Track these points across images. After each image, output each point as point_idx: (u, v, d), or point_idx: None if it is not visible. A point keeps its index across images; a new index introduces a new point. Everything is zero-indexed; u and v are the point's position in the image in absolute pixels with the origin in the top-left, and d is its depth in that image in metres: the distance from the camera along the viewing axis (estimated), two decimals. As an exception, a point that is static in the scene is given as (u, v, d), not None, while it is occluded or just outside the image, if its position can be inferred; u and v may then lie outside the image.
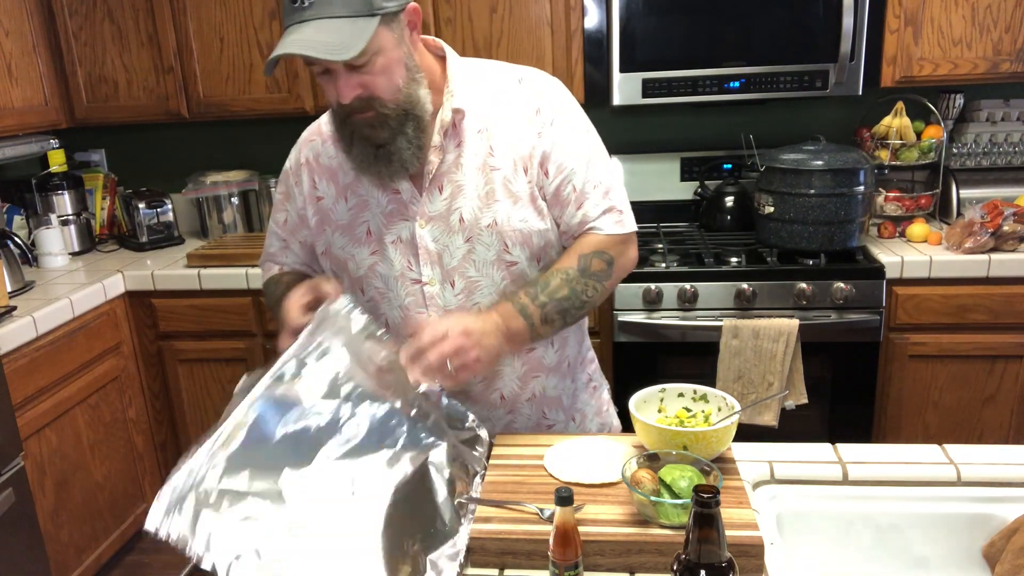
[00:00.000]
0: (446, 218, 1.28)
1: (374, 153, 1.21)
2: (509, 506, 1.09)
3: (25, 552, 2.07)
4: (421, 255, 1.30)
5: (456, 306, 1.31)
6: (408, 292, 1.32)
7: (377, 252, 1.32)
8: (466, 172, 1.28)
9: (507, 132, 1.28)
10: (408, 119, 1.19)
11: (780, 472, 1.21)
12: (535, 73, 1.34)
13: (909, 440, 2.46)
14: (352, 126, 1.21)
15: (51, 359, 2.30)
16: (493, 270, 1.30)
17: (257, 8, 2.66)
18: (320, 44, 1.08)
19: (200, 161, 3.17)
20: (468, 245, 1.29)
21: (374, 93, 1.16)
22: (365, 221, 1.32)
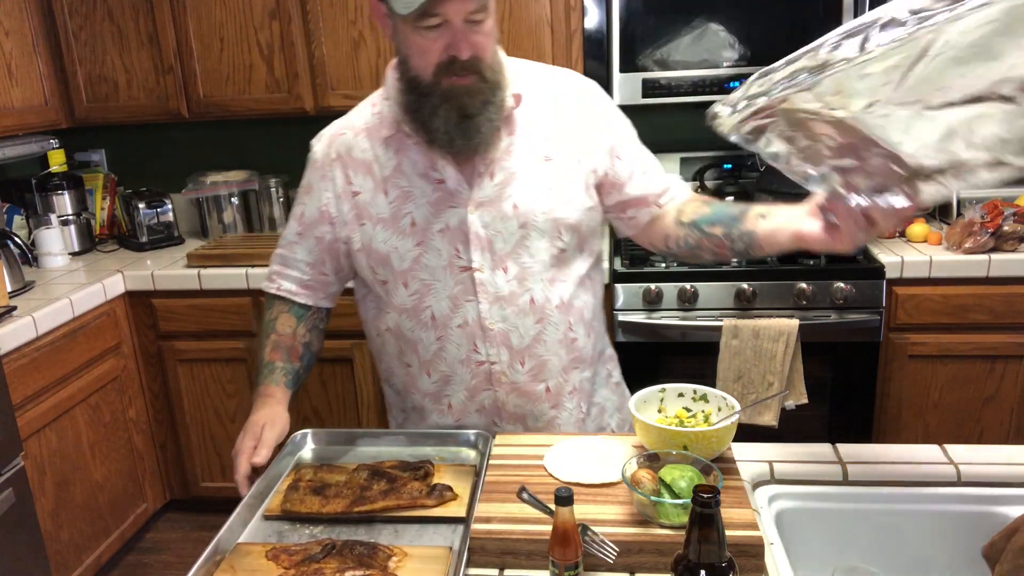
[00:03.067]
0: (498, 204, 1.28)
1: (457, 124, 1.20)
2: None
3: (25, 552, 2.07)
4: (472, 241, 1.29)
5: (508, 292, 1.31)
6: (457, 280, 1.31)
7: (422, 243, 1.30)
8: (519, 160, 1.29)
9: (562, 122, 1.31)
10: (497, 91, 1.22)
11: (780, 472, 1.21)
12: (571, 72, 1.39)
13: (909, 440, 2.46)
14: (443, 93, 1.19)
15: (51, 359, 2.30)
16: (546, 256, 1.31)
17: (257, 8, 2.66)
18: None
19: (200, 161, 3.17)
20: (523, 231, 1.29)
21: (481, 55, 1.17)
22: (409, 212, 1.30)
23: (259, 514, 1.21)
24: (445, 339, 1.35)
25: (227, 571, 1.06)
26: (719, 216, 1.31)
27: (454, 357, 1.35)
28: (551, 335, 1.35)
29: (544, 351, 1.35)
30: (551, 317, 1.34)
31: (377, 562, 1.06)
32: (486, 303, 1.31)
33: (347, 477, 1.26)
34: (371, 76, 2.66)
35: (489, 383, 1.36)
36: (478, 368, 1.35)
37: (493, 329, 1.32)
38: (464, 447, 1.38)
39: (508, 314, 1.32)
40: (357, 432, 1.43)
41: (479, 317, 1.32)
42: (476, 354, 1.34)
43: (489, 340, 1.33)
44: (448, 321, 1.33)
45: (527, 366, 1.35)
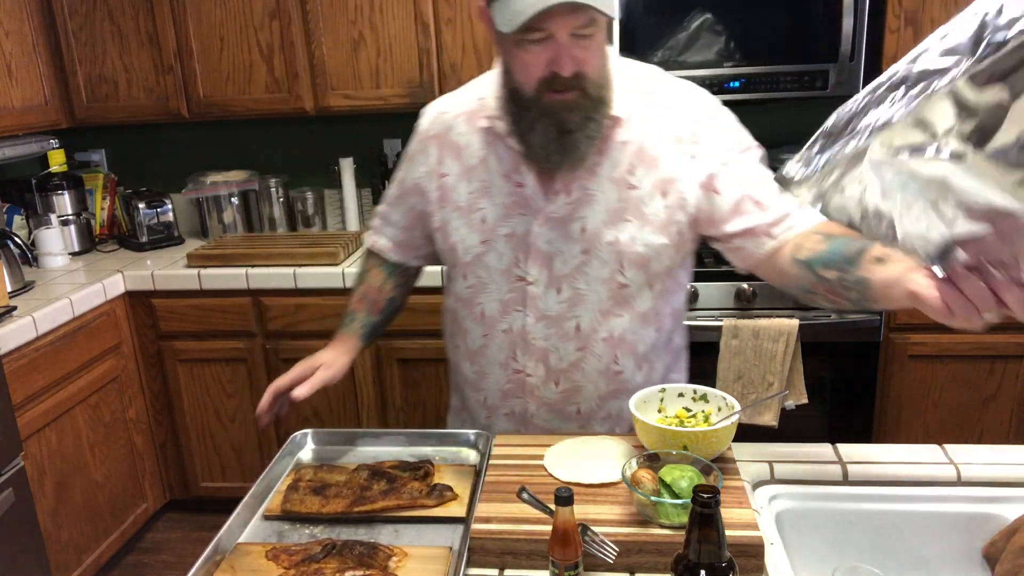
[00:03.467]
0: (566, 224, 1.24)
1: (555, 139, 1.16)
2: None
3: (25, 552, 2.07)
4: (532, 254, 1.26)
5: (556, 313, 1.28)
6: (511, 287, 1.30)
7: (488, 242, 1.29)
8: (600, 183, 1.23)
9: (653, 151, 1.22)
10: (599, 107, 1.16)
11: (780, 472, 1.21)
12: (687, 87, 1.28)
13: (909, 440, 2.46)
14: (543, 108, 1.15)
15: (51, 359, 2.30)
16: (602, 287, 1.26)
17: (257, 8, 2.66)
18: None
19: (200, 161, 3.17)
20: (584, 257, 1.25)
21: (586, 71, 1.12)
22: (482, 208, 1.29)
23: (259, 514, 1.21)
24: (489, 338, 1.34)
25: (227, 571, 1.06)
26: (834, 257, 1.10)
27: (494, 358, 1.35)
28: (591, 364, 1.31)
29: (581, 378, 1.32)
30: (594, 348, 1.30)
31: (377, 562, 1.06)
32: (533, 317, 1.29)
33: (347, 477, 1.26)
34: (371, 76, 2.66)
35: (522, 392, 1.36)
36: (514, 375, 1.35)
37: (534, 344, 1.31)
38: (464, 447, 1.38)
39: (551, 334, 1.30)
40: (357, 432, 1.43)
41: (524, 328, 1.30)
42: (514, 362, 1.34)
43: (529, 353, 1.32)
44: (495, 323, 1.33)
45: (561, 387, 1.33)
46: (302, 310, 2.62)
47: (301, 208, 3.05)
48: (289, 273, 2.59)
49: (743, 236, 1.23)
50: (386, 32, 2.62)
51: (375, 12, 2.61)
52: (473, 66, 2.60)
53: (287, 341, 2.66)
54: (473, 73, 2.72)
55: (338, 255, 2.63)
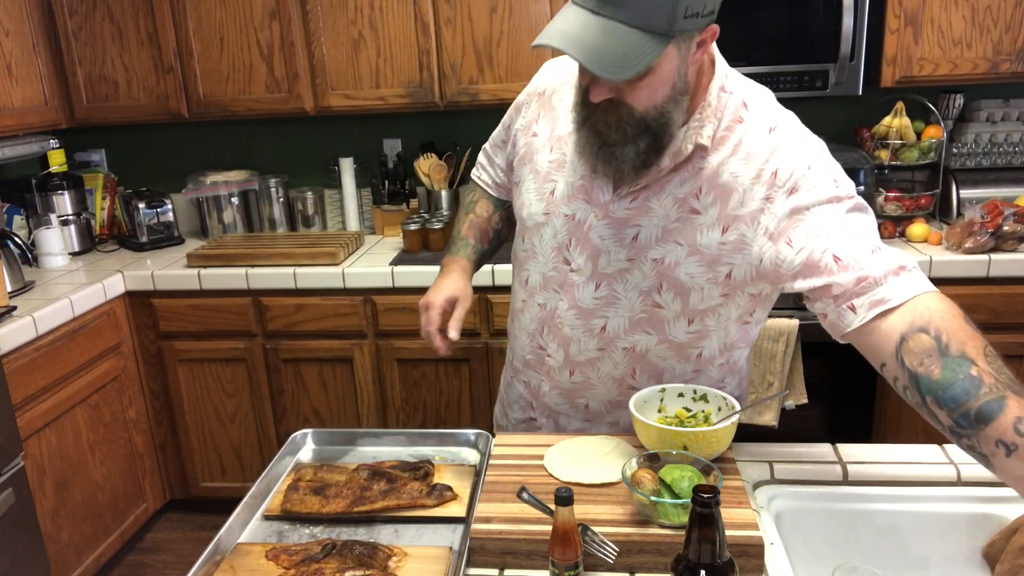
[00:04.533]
0: (621, 227, 1.21)
1: (598, 148, 1.15)
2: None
3: (25, 552, 2.07)
4: (583, 243, 1.25)
5: (588, 307, 1.27)
6: (554, 267, 1.29)
7: (549, 215, 1.28)
8: (664, 198, 1.18)
9: (728, 181, 1.14)
10: (647, 133, 1.10)
11: (780, 472, 1.21)
12: (791, 124, 1.18)
13: (909, 440, 2.46)
14: (589, 113, 1.13)
15: (51, 359, 2.30)
16: (637, 299, 1.23)
17: (257, 8, 2.66)
18: (596, 54, 0.98)
19: (200, 161, 3.17)
20: (628, 264, 1.22)
21: (627, 102, 1.08)
22: (555, 180, 1.27)
23: (259, 514, 1.21)
24: (527, 305, 1.36)
25: (227, 571, 1.06)
26: (951, 399, 0.94)
27: (525, 326, 1.37)
28: (607, 368, 1.30)
29: (594, 376, 1.32)
30: (613, 355, 1.29)
31: (377, 562, 1.06)
32: (566, 303, 1.29)
33: (347, 477, 1.26)
34: (371, 76, 2.66)
35: (539, 368, 1.37)
36: (537, 350, 1.36)
37: (561, 329, 1.31)
38: (464, 447, 1.38)
39: (578, 325, 1.29)
40: (357, 432, 1.43)
41: (555, 310, 1.31)
42: (540, 337, 1.35)
43: (553, 335, 1.32)
44: (534, 294, 1.34)
45: (574, 377, 1.34)
46: (302, 310, 2.62)
47: (301, 208, 3.05)
48: (289, 273, 2.59)
49: (818, 299, 1.09)
50: (386, 32, 2.62)
51: (375, 12, 2.61)
52: (473, 66, 2.60)
53: (287, 341, 2.66)
54: (473, 73, 2.74)
55: (338, 255, 2.63)
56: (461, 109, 2.70)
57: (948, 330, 0.97)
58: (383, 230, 3.00)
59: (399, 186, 2.98)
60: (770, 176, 1.12)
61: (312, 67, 2.69)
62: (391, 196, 2.97)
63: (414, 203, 2.99)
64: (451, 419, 2.68)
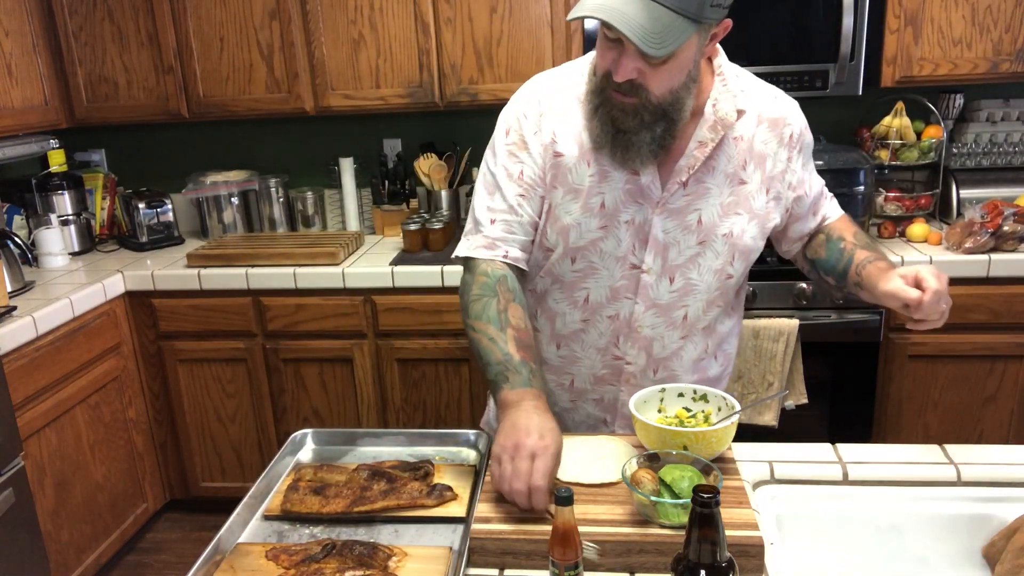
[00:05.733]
0: (683, 215, 1.26)
1: (612, 133, 1.19)
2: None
3: (25, 552, 2.07)
4: (650, 243, 1.27)
5: (667, 302, 1.30)
6: (623, 275, 1.30)
7: (606, 228, 1.27)
8: (716, 177, 1.26)
9: (761, 148, 1.28)
10: (662, 119, 1.17)
11: (780, 472, 1.21)
12: (777, 89, 1.35)
13: (909, 440, 2.46)
14: (605, 98, 1.18)
15: (51, 359, 2.30)
16: (712, 278, 1.30)
17: (257, 8, 2.66)
18: (639, 28, 1.04)
19: (200, 161, 3.17)
20: (700, 248, 1.28)
21: (646, 85, 1.13)
22: (602, 193, 1.26)
23: (259, 514, 1.21)
24: (591, 324, 1.34)
25: (227, 571, 1.06)
26: (830, 267, 1.37)
27: (593, 343, 1.36)
28: (689, 353, 1.36)
29: (679, 367, 1.36)
30: (695, 337, 1.34)
31: (377, 562, 1.06)
32: (642, 306, 1.31)
33: (347, 477, 1.26)
34: (371, 76, 2.66)
35: (617, 379, 1.37)
36: (613, 361, 1.36)
37: (640, 332, 1.32)
38: (464, 447, 1.38)
39: (659, 323, 1.32)
40: (357, 432, 1.43)
41: (631, 316, 1.32)
42: (615, 348, 1.35)
43: (632, 340, 1.33)
44: (600, 309, 1.33)
45: (659, 375, 1.36)
46: (302, 310, 2.62)
47: (301, 208, 3.05)
48: (289, 273, 2.59)
49: (803, 238, 1.41)
50: (386, 32, 2.62)
51: (375, 12, 2.61)
52: (473, 66, 2.60)
53: (287, 341, 2.66)
54: (473, 73, 2.74)
55: (338, 255, 2.62)
56: (461, 109, 2.70)
57: (836, 228, 1.40)
58: (383, 230, 3.00)
59: (399, 186, 2.98)
60: (788, 138, 1.30)
61: (312, 67, 2.69)
62: (391, 196, 2.97)
63: (414, 203, 2.99)
64: (451, 419, 2.68)
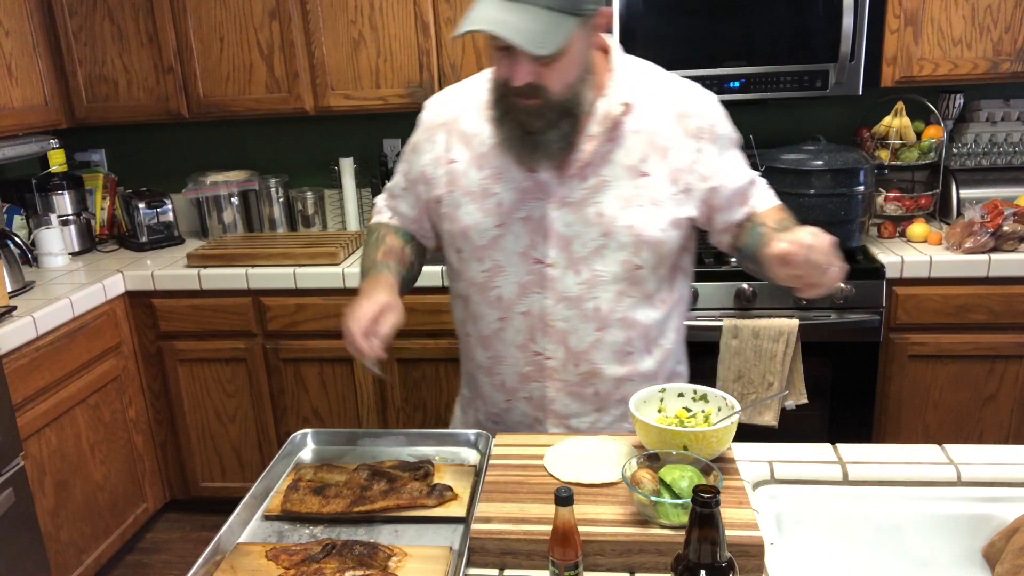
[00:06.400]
0: (582, 208, 1.28)
1: (521, 137, 1.22)
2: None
3: (25, 552, 2.07)
4: (550, 237, 1.30)
5: (576, 295, 1.32)
6: (529, 270, 1.32)
7: (503, 225, 1.31)
8: (615, 169, 1.28)
9: (664, 140, 1.28)
10: (566, 116, 1.20)
11: (780, 472, 1.21)
12: (693, 85, 1.34)
13: (909, 440, 2.46)
14: (510, 105, 1.21)
15: (51, 359, 2.30)
16: (619, 269, 1.31)
17: (257, 8, 2.66)
18: (522, 32, 1.09)
19: (200, 161, 3.17)
20: (603, 240, 1.29)
21: (545, 84, 1.16)
22: (496, 193, 1.31)
23: (259, 514, 1.21)
24: (507, 322, 1.36)
25: (227, 571, 1.06)
26: (750, 252, 1.32)
27: (511, 341, 1.37)
28: (608, 346, 1.35)
29: (599, 359, 1.36)
30: (611, 329, 1.34)
31: (377, 562, 1.06)
32: (552, 300, 1.32)
33: (347, 477, 1.26)
34: (371, 76, 2.66)
35: (541, 376, 1.38)
36: (533, 358, 1.37)
37: (554, 326, 1.33)
38: (464, 447, 1.38)
39: (571, 315, 1.33)
40: (357, 432, 1.43)
41: (543, 311, 1.33)
42: (533, 344, 1.36)
43: (548, 335, 1.34)
44: (512, 306, 1.34)
45: (580, 368, 1.36)
46: (302, 310, 2.62)
47: (301, 208, 3.05)
48: (289, 273, 2.59)
49: (731, 229, 1.37)
50: (386, 32, 2.62)
51: (375, 12, 2.61)
52: (473, 66, 2.60)
53: (287, 341, 2.66)
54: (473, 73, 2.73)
55: (338, 255, 2.63)
56: (461, 109, 2.70)
57: (762, 215, 1.35)
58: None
59: (399, 186, 2.98)
60: (696, 130, 1.29)
61: (312, 67, 2.69)
62: (391, 196, 2.97)
63: (414, 203, 2.99)
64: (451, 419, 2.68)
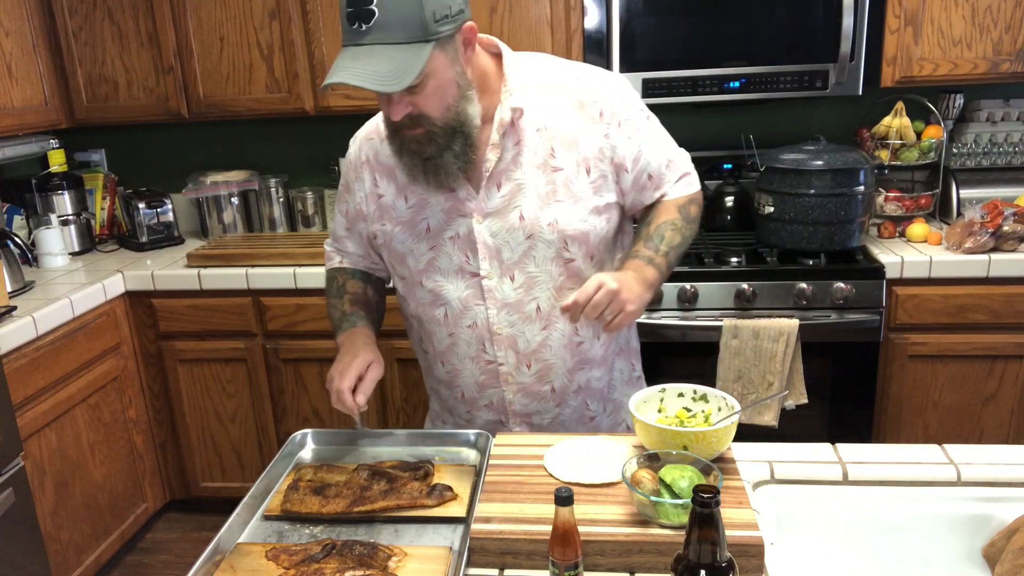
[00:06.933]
0: (504, 215, 1.31)
1: (421, 165, 1.25)
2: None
3: (25, 552, 2.07)
4: (480, 250, 1.33)
5: (515, 300, 1.34)
6: (467, 285, 1.35)
7: (435, 247, 1.35)
8: (526, 171, 1.30)
9: (569, 132, 1.30)
10: (456, 135, 1.22)
11: (780, 472, 1.21)
12: (591, 71, 1.35)
13: (909, 440, 2.46)
14: (401, 139, 1.24)
15: (51, 359, 2.30)
16: (552, 266, 1.33)
17: (257, 8, 2.66)
18: (373, 74, 1.10)
19: (200, 161, 3.17)
20: (529, 242, 1.31)
21: (424, 112, 1.18)
22: (425, 218, 1.35)
23: (259, 514, 1.22)
24: (456, 336, 1.39)
25: (227, 571, 1.06)
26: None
27: (464, 354, 1.40)
28: (556, 340, 1.38)
29: (550, 355, 1.38)
30: (556, 324, 1.37)
31: (377, 562, 1.06)
32: (494, 309, 1.35)
33: (347, 477, 1.26)
34: (371, 76, 2.65)
35: (496, 382, 1.41)
36: (487, 367, 1.40)
37: (501, 333, 1.36)
38: (464, 447, 1.38)
39: (515, 320, 1.35)
40: (357, 432, 1.43)
41: (487, 321, 1.36)
42: (484, 354, 1.39)
43: (496, 343, 1.37)
44: (459, 321, 1.37)
45: (533, 368, 1.39)
46: (302, 310, 2.62)
47: (301, 208, 3.05)
48: (289, 273, 2.59)
49: (639, 207, 1.40)
50: (386, 32, 2.61)
51: (375, 12, 2.60)
52: (473, 66, 2.60)
53: (287, 341, 2.66)
54: (473, 73, 2.73)
55: (338, 255, 2.62)
56: (461, 109, 2.69)
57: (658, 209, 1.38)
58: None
59: (399, 186, 2.98)
60: (599, 116, 1.31)
61: (312, 67, 2.69)
62: (391, 196, 2.97)
63: (414, 203, 2.99)
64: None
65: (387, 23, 1.10)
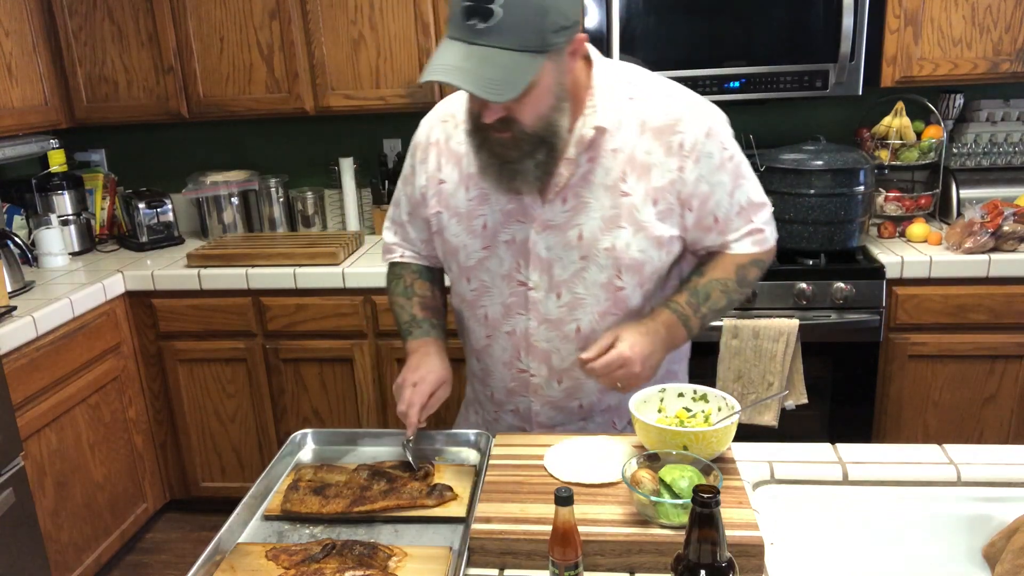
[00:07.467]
0: (564, 231, 1.27)
1: (499, 167, 1.20)
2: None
3: (25, 552, 2.07)
4: (532, 260, 1.30)
5: (556, 317, 1.32)
6: (512, 292, 1.33)
7: (489, 247, 1.32)
8: (594, 190, 1.26)
9: (643, 159, 1.25)
10: (542, 145, 1.18)
11: (780, 472, 1.21)
12: (684, 96, 1.28)
13: (909, 440, 2.46)
14: (484, 137, 1.19)
15: (51, 359, 2.30)
16: (600, 292, 1.29)
17: (257, 8, 2.66)
18: (481, 80, 1.05)
19: (200, 161, 3.17)
20: (583, 263, 1.28)
21: (517, 118, 1.14)
22: (483, 215, 1.32)
23: (259, 514, 1.21)
24: (493, 339, 1.38)
25: (227, 571, 1.06)
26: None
27: (498, 358, 1.39)
28: None
29: (582, 375, 1.34)
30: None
31: (377, 562, 1.06)
32: (535, 321, 1.33)
33: (347, 477, 1.26)
34: (371, 76, 2.66)
35: (526, 391, 1.39)
36: (518, 375, 1.38)
37: (537, 346, 1.34)
38: (464, 447, 1.38)
39: (553, 337, 1.33)
40: (357, 432, 1.43)
41: (526, 332, 1.34)
42: (518, 362, 1.37)
43: (532, 354, 1.36)
44: (498, 325, 1.36)
45: (564, 384, 1.37)
46: (302, 310, 2.62)
47: (301, 208, 3.05)
48: (289, 273, 2.59)
49: (700, 246, 1.34)
50: (386, 32, 2.62)
51: (375, 12, 2.61)
52: (473, 66, 2.60)
53: (287, 341, 2.66)
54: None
55: (338, 255, 2.62)
56: (461, 109, 2.69)
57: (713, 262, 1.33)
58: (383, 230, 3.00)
59: (399, 186, 2.98)
60: (678, 147, 1.24)
61: (312, 67, 2.69)
62: (391, 196, 2.97)
63: (414, 203, 2.99)
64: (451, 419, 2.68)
65: (506, 27, 1.04)
